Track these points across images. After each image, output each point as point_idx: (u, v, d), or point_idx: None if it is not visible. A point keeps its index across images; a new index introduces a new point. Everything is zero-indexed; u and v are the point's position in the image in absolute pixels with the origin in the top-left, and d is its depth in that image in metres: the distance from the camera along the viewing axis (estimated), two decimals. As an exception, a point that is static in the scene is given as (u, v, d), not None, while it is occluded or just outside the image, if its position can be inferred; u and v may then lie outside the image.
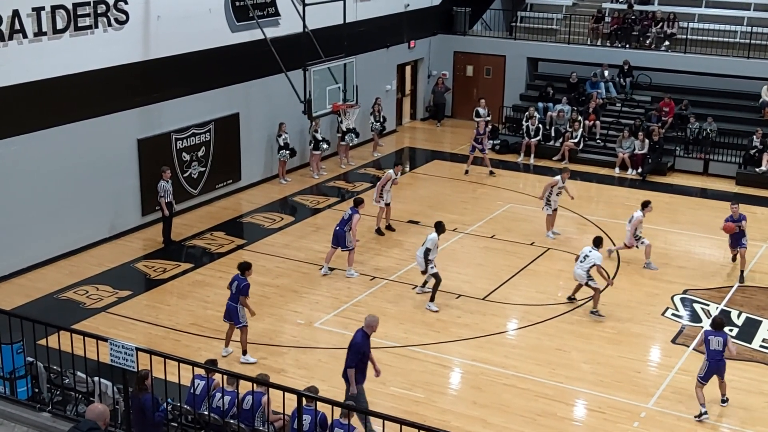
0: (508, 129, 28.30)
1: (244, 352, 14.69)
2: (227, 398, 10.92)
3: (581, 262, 16.41)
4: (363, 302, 16.96)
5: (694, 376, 14.39)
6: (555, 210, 20.21)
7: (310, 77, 21.15)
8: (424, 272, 16.89)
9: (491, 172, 24.75)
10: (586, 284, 16.45)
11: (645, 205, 18.67)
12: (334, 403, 9.23)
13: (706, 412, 13.22)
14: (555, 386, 14.11)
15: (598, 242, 16.71)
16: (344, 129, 25.03)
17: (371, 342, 12.58)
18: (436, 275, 16.66)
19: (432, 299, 16.70)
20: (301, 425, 9.49)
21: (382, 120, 26.91)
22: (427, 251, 16.58)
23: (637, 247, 18.60)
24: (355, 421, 10.82)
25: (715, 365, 13.33)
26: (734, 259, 18.66)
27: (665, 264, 18.77)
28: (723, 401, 13.62)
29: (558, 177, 20.23)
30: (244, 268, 14.64)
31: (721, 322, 13.68)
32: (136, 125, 19.87)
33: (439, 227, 17.01)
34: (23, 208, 17.49)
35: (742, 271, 18.14)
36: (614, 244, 19.32)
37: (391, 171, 20.33)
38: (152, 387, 10.00)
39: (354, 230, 17.97)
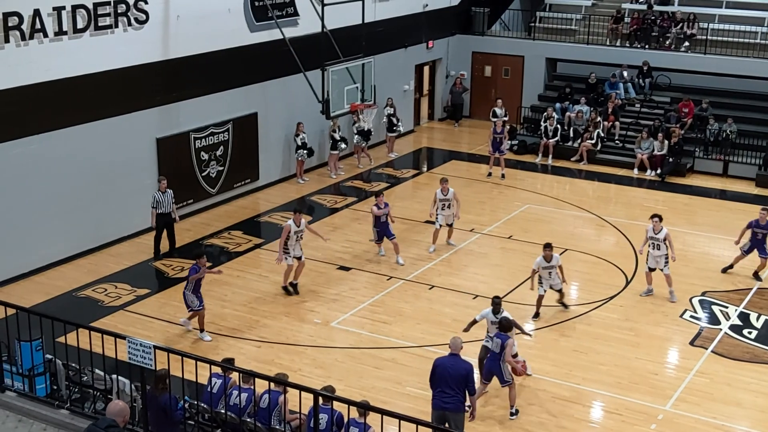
0: (526, 129, 28.25)
1: (202, 330, 15.41)
2: (244, 396, 10.97)
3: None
4: (380, 302, 16.97)
5: (712, 379, 14.36)
6: (445, 225, 19.32)
7: (328, 77, 21.17)
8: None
9: (502, 176, 24.53)
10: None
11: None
12: (350, 402, 9.23)
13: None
14: (572, 387, 14.07)
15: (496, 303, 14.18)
16: (355, 130, 25.04)
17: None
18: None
19: None
20: (317, 424, 9.51)
21: (396, 121, 26.70)
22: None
23: (661, 270, 17.17)
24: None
25: (489, 364, 13.08)
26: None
27: (684, 266, 18.67)
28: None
29: (438, 190, 19.24)
30: (196, 255, 15.43)
31: (507, 324, 13.10)
32: (155, 124, 19.97)
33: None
34: (42, 207, 17.61)
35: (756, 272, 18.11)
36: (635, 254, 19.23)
37: (290, 222, 17.02)
38: (170, 386, 10.03)
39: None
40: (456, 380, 11.54)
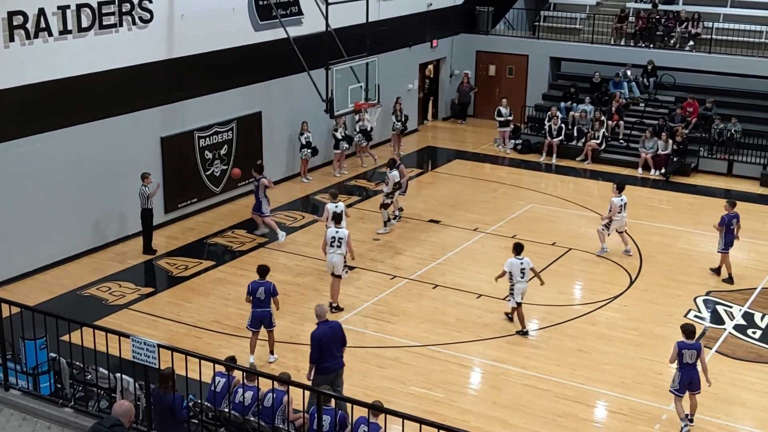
0: (531, 129, 28.23)
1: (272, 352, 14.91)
2: (248, 395, 10.97)
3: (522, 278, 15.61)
4: (383, 301, 16.97)
5: (717, 379, 14.30)
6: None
7: (332, 76, 21.16)
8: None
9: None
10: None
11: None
12: (353, 401, 9.24)
13: (686, 425, 12.80)
14: (576, 387, 14.06)
15: (519, 249, 15.80)
16: (358, 129, 25.03)
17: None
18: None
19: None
20: (320, 424, 9.51)
21: (404, 119, 26.84)
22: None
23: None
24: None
25: (687, 376, 12.71)
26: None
27: (688, 265, 18.66)
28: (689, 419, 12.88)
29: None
30: (267, 271, 14.71)
31: (693, 330, 12.92)
32: (159, 123, 19.99)
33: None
34: (47, 205, 17.64)
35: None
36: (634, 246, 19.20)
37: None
38: (174, 385, 10.04)
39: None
40: (337, 341, 12.83)
